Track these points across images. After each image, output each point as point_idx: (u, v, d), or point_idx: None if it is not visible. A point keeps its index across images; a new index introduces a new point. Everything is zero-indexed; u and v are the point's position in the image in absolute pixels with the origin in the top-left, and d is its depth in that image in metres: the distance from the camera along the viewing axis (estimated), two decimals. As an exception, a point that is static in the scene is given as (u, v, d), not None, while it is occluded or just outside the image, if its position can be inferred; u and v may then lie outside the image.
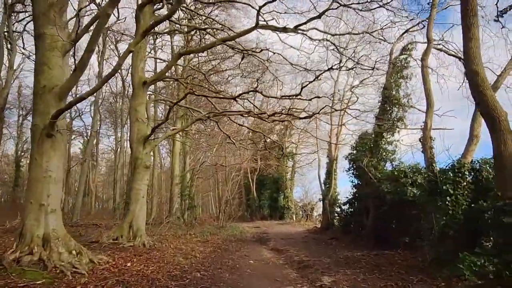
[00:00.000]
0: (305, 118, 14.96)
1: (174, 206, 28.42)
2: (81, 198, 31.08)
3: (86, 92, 9.07)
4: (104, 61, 31.87)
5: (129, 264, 9.11)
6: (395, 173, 12.25)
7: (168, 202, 30.90)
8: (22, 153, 39.78)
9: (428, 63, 11.25)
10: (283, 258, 12.13)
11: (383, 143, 14.36)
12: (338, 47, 14.45)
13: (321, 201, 20.83)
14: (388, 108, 14.20)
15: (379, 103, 14.79)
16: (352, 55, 14.62)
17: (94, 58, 30.28)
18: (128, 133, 27.70)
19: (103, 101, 39.76)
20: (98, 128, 46.19)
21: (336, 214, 19.27)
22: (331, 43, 14.26)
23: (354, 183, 16.58)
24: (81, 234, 16.30)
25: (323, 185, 21.38)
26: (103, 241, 12.81)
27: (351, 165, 16.84)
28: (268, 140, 19.47)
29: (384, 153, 14.38)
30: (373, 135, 14.92)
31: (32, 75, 15.49)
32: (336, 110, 16.22)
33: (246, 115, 15.32)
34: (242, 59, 16.43)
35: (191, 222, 23.29)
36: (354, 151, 17.22)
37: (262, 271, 9.82)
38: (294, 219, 29.22)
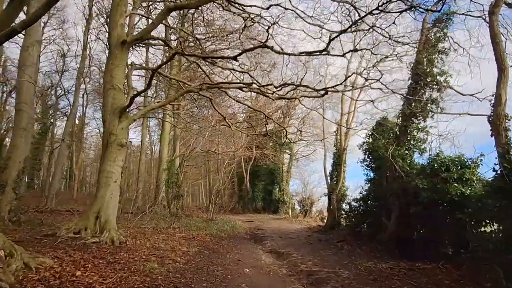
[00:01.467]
0: (318, 94, 12.34)
1: (160, 194, 25.88)
2: (57, 182, 28.32)
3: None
4: (90, 32, 28.80)
5: (78, 273, 6.52)
6: (434, 165, 9.74)
7: (154, 189, 28.38)
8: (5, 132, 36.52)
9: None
10: (286, 266, 9.63)
11: (413, 129, 11.82)
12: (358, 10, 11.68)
13: (326, 196, 18.41)
14: (420, 88, 11.65)
15: (409, 80, 12.22)
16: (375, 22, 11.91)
17: (80, 30, 27.22)
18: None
19: (90, 80, 36.82)
20: (84, 110, 43.32)
21: (343, 212, 16.80)
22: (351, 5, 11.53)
23: (369, 177, 14.11)
24: (42, 223, 13.67)
25: (328, 178, 18.87)
26: (60, 234, 10.22)
27: (366, 156, 14.35)
28: (269, 122, 16.80)
29: (413, 142, 11.85)
30: (400, 120, 12.38)
31: None
32: (355, 88, 13.68)
33: (247, 89, 12.67)
34: (244, 27, 13.79)
35: (177, 214, 20.69)
36: (370, 140, 14.73)
37: (262, 287, 7.31)
38: (290, 214, 26.78)
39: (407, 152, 11.74)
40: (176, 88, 20.65)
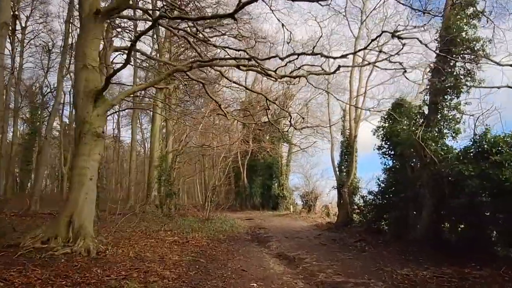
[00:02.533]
0: (325, 71, 10.50)
1: (153, 193, 24.00)
2: (40, 183, 26.27)
3: None
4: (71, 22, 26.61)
5: (23, 305, 4.66)
6: (483, 147, 7.96)
7: (146, 188, 26.47)
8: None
9: None
10: (302, 277, 7.79)
11: (445, 107, 10.03)
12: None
13: (336, 190, 16.57)
14: (450, 59, 9.83)
15: (436, 50, 10.37)
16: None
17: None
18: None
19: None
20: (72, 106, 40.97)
21: (356, 207, 15.03)
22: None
23: (387, 166, 12.35)
24: (14, 230, 11.75)
25: (337, 169, 17.01)
26: (24, 244, 8.36)
27: (383, 142, 12.57)
28: (270, 110, 14.98)
29: (444, 122, 10.05)
30: (428, 96, 10.55)
31: None
32: (370, 63, 11.86)
33: (245, 67, 10.75)
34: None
35: (170, 213, 18.83)
36: (386, 124, 12.96)
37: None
38: (292, 210, 25.00)
39: (438, 134, 9.94)
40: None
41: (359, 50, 11.40)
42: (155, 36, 23.08)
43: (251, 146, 29.19)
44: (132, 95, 15.19)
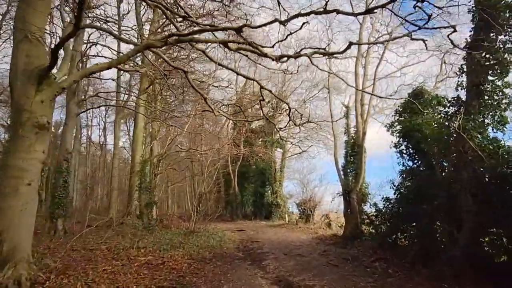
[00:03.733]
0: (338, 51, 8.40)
1: (134, 202, 21.57)
2: None
3: None
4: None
5: None
6: None
7: (127, 197, 24.01)
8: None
9: None
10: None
11: (488, 90, 7.97)
12: None
13: (342, 197, 14.34)
14: (489, 27, 7.80)
15: (472, 22, 8.35)
16: None
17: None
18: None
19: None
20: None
21: (366, 216, 12.87)
22: None
23: (407, 167, 10.25)
24: None
25: (341, 173, 14.72)
26: None
27: (401, 138, 10.49)
28: (264, 99, 12.83)
29: (490, 109, 7.98)
30: (465, 78, 8.44)
31: None
32: (386, 41, 9.80)
33: (234, 47, 8.54)
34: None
35: (149, 225, 16.44)
36: (401, 118, 10.92)
37: None
38: (287, 220, 22.73)
39: (480, 123, 7.86)
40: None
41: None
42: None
43: (242, 150, 26.97)
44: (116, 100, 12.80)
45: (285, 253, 11.55)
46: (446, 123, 8.53)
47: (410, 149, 10.15)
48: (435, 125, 9.28)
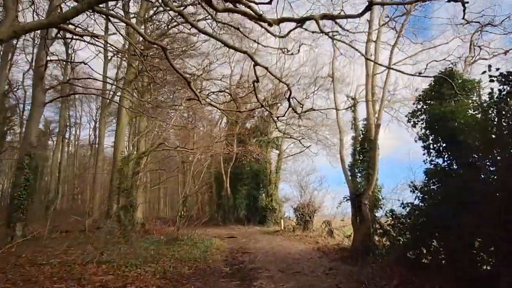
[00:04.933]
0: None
1: (114, 205, 19.44)
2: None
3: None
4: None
5: None
6: None
7: (107, 198, 21.88)
8: None
9: None
10: None
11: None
12: None
13: (350, 202, 12.17)
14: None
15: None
16: None
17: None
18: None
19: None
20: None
21: (379, 226, 10.80)
22: None
23: (438, 166, 8.23)
24: None
25: (349, 173, 12.52)
26: None
27: (427, 130, 8.51)
28: (259, 81, 10.78)
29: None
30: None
31: None
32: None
33: (221, 8, 6.48)
34: None
35: (125, 231, 14.32)
36: (425, 106, 8.95)
37: None
38: (283, 226, 20.63)
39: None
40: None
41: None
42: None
43: (235, 150, 24.92)
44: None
45: (281, 269, 9.46)
46: (495, 107, 6.55)
47: (440, 143, 8.15)
48: (474, 112, 7.33)
